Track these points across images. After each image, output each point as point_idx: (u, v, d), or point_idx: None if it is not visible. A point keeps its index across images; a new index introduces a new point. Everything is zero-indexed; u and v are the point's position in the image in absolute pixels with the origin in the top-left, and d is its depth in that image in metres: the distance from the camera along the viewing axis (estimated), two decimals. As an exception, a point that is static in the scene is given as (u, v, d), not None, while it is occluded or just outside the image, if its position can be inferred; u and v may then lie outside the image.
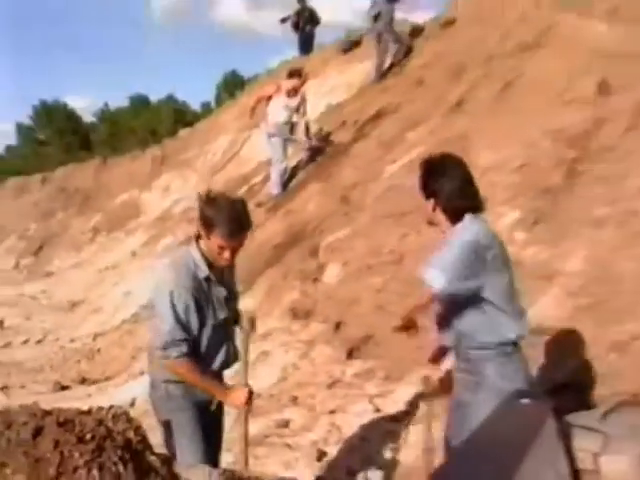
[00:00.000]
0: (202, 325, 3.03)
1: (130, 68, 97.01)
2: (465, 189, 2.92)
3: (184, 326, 2.95)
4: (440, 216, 2.95)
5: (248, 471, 2.97)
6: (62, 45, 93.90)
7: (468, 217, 2.90)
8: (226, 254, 3.03)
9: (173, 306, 2.92)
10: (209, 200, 3.03)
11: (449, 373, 3.00)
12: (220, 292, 3.14)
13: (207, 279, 3.07)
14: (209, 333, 3.06)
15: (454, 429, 2.96)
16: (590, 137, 6.87)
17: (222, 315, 3.14)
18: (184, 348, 2.96)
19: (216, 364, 3.13)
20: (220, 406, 3.25)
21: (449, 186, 2.90)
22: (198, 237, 3.09)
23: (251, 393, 3.12)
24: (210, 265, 3.06)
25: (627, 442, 1.97)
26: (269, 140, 9.64)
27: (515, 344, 2.87)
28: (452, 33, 11.09)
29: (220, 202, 3.00)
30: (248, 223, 3.05)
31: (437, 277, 2.75)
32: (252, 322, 3.28)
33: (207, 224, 2.98)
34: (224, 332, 3.18)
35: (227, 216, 2.95)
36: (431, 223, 3.07)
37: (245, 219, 3.03)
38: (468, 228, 2.88)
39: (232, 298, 3.27)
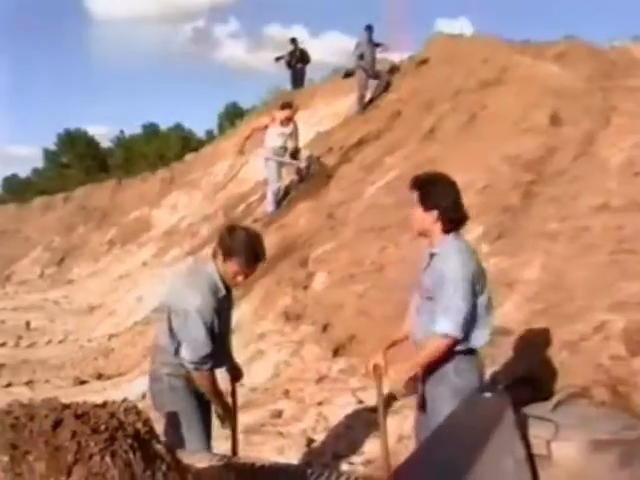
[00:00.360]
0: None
1: (142, 101, 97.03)
2: (459, 203, 2.93)
3: (211, 342, 2.95)
4: (436, 227, 2.89)
5: (244, 457, 2.95)
6: (84, 81, 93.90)
7: (453, 234, 2.89)
8: (240, 279, 3.07)
9: (204, 324, 2.92)
10: (231, 230, 3.08)
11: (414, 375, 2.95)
12: (228, 306, 3.16)
13: (223, 297, 3.08)
14: (217, 340, 3.05)
15: (422, 422, 2.95)
16: (544, 162, 6.92)
17: (227, 325, 3.17)
18: (211, 362, 2.99)
19: (214, 363, 3.11)
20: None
21: (448, 200, 2.88)
22: (214, 256, 3.08)
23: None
24: (224, 285, 3.08)
25: (576, 430, 1.98)
26: (266, 163, 9.66)
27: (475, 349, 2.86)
28: (425, 71, 11.18)
29: (240, 233, 3.05)
30: (263, 255, 3.09)
31: (452, 329, 2.70)
32: (239, 372, 3.43)
33: (227, 251, 3.00)
34: (225, 337, 3.20)
35: (246, 247, 2.99)
36: (422, 234, 3.01)
37: (261, 251, 3.07)
38: (456, 246, 2.86)
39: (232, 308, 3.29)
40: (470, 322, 2.76)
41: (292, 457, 4.15)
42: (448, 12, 78.63)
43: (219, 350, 3.07)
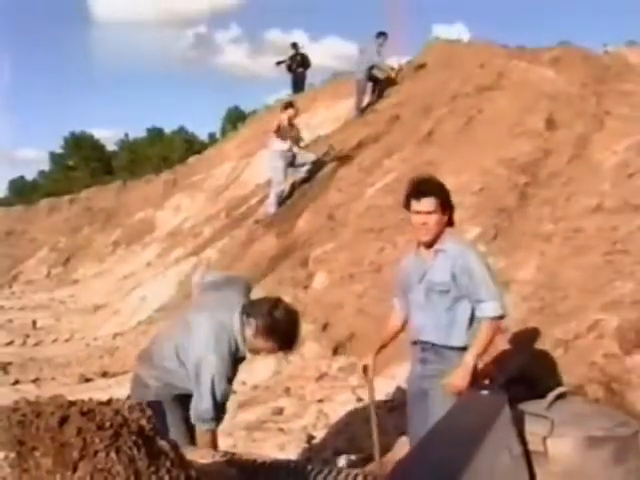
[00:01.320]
0: None
1: (146, 105, 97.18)
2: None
3: (216, 404, 2.75)
4: (444, 227, 2.94)
5: (246, 454, 2.94)
6: (89, 85, 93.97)
7: (448, 229, 2.96)
8: (263, 354, 2.90)
9: (212, 390, 2.71)
10: (275, 307, 2.80)
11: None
12: (237, 367, 2.92)
13: (239, 359, 2.87)
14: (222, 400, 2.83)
15: (419, 417, 2.94)
16: (539, 165, 6.93)
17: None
18: (219, 422, 2.80)
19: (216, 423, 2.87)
20: None
21: (449, 195, 2.97)
22: (244, 313, 2.81)
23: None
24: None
25: (571, 427, 1.98)
26: (273, 165, 9.61)
27: None
28: (423, 76, 11.18)
29: (284, 315, 2.78)
30: (298, 343, 2.89)
31: (498, 307, 2.80)
32: None
33: (264, 331, 2.75)
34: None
35: (287, 332, 2.79)
36: (436, 236, 2.93)
37: (297, 339, 2.85)
38: (461, 240, 3.08)
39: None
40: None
41: (293, 453, 4.15)
42: (445, 18, 78.80)
43: (223, 409, 2.85)
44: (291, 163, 9.55)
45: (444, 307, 2.87)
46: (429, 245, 2.94)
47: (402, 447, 3.21)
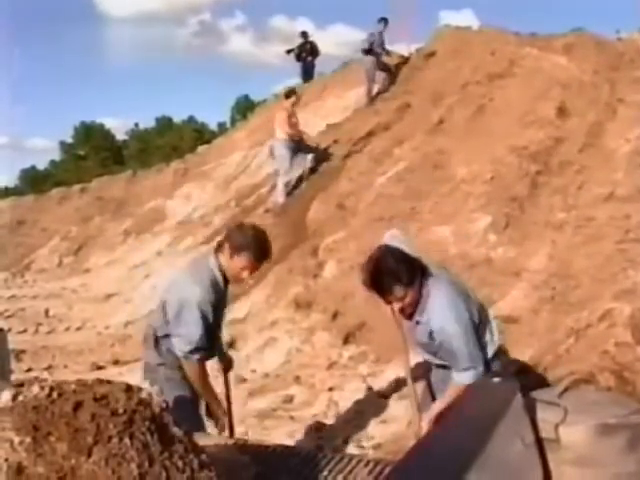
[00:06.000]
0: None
1: (156, 94, 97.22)
2: (405, 254, 2.72)
3: (207, 335, 2.94)
4: (417, 294, 2.72)
5: (257, 441, 2.96)
6: (100, 75, 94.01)
7: (428, 286, 2.69)
8: (245, 274, 3.02)
9: (202, 318, 2.90)
10: (240, 226, 3.10)
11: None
12: (224, 302, 3.15)
13: (221, 291, 3.06)
14: (210, 333, 3.03)
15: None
16: (550, 153, 6.88)
17: (220, 318, 3.15)
18: (204, 354, 2.99)
19: (205, 355, 3.06)
20: None
21: (406, 262, 2.68)
22: (217, 251, 3.03)
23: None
24: (224, 279, 3.04)
25: (584, 414, 1.97)
26: (277, 154, 9.64)
27: None
28: (433, 64, 11.09)
29: (250, 230, 3.02)
30: (270, 252, 3.05)
31: (473, 375, 2.65)
32: (229, 362, 3.41)
33: (236, 246, 2.95)
34: (217, 330, 3.19)
35: (255, 243, 2.96)
36: (408, 311, 2.79)
37: (269, 249, 3.03)
38: (439, 304, 2.68)
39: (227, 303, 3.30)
40: (482, 354, 2.74)
41: (303, 441, 4.17)
42: (452, 4, 77.53)
43: (210, 342, 3.04)
44: (297, 151, 9.54)
45: (442, 360, 2.85)
46: (410, 316, 2.83)
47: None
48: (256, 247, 2.96)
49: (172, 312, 2.98)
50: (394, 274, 2.64)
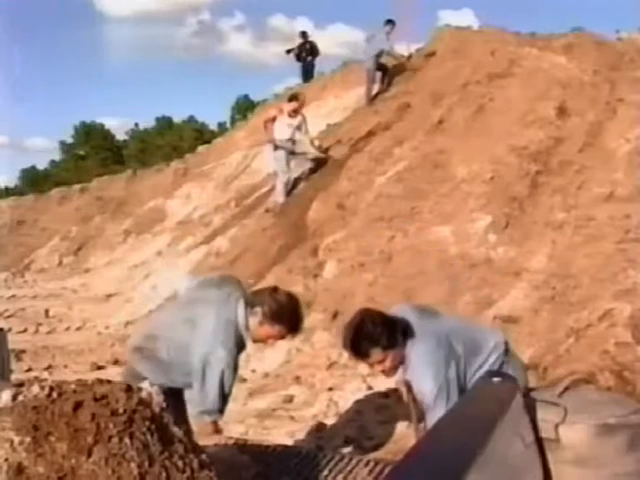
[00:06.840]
0: None
1: (156, 94, 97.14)
2: (385, 318, 2.68)
3: (223, 397, 2.79)
4: (401, 354, 2.66)
5: (257, 441, 2.95)
6: (100, 75, 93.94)
7: (407, 346, 2.62)
8: (272, 341, 2.95)
9: (220, 384, 2.74)
10: (276, 295, 2.89)
11: None
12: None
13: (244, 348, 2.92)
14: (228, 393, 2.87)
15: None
16: (550, 153, 6.88)
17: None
18: (219, 417, 2.82)
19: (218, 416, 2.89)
20: None
21: (387, 327, 2.63)
22: (246, 305, 2.85)
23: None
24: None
25: (584, 414, 1.97)
26: (274, 154, 9.65)
27: None
28: (433, 64, 11.09)
29: (285, 301, 2.88)
30: (302, 326, 2.95)
31: (439, 399, 2.54)
32: None
33: (270, 317, 2.80)
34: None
35: (292, 317, 2.86)
36: (391, 373, 2.75)
37: (302, 322, 2.93)
38: (417, 362, 2.62)
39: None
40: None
41: (303, 441, 4.17)
42: (452, 4, 77.17)
43: (226, 401, 2.86)
44: (292, 151, 9.53)
45: None
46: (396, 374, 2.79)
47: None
48: (291, 321, 2.86)
49: (196, 361, 2.79)
50: (372, 338, 2.60)
